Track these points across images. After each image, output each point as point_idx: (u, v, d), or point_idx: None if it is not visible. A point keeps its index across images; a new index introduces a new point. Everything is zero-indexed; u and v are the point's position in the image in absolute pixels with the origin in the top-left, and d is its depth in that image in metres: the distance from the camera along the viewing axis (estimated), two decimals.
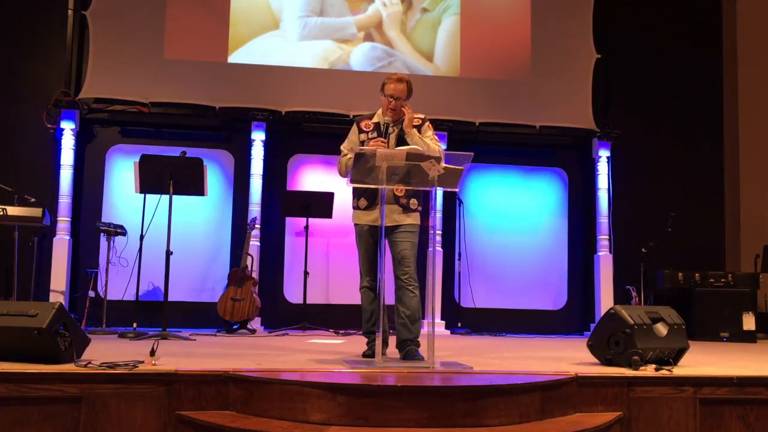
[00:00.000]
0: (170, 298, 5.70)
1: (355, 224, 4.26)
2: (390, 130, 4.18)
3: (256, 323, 6.82)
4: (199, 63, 7.40)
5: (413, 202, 4.17)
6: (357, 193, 4.20)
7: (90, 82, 7.19)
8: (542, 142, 8.05)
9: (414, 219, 4.19)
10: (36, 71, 7.34)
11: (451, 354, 4.65)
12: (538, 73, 7.89)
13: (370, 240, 4.18)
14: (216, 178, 7.39)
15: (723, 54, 8.55)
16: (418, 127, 4.23)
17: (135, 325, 5.75)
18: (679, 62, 8.40)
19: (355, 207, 4.24)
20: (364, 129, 4.26)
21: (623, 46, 8.26)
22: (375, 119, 4.28)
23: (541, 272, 7.90)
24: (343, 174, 4.27)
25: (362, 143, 4.19)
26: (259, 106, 7.40)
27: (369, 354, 4.24)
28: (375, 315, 4.15)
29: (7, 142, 7.19)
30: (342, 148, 4.34)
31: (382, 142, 4.08)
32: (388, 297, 3.86)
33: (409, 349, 4.06)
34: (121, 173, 7.26)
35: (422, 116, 4.29)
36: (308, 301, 7.00)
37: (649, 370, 3.60)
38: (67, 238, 6.91)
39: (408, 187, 3.98)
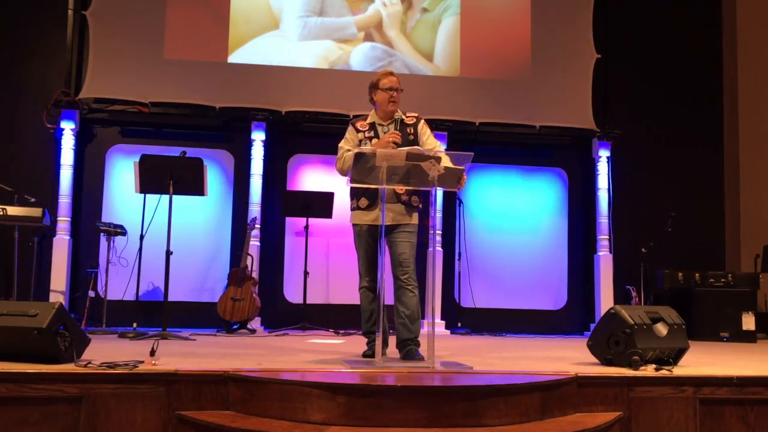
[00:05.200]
0: (170, 298, 5.70)
1: (354, 224, 4.25)
2: (386, 129, 4.24)
3: (256, 323, 6.82)
4: (199, 63, 7.39)
5: (414, 199, 4.19)
6: (357, 193, 4.20)
7: (90, 82, 7.19)
8: (542, 142, 8.05)
9: (414, 219, 4.20)
10: (36, 71, 7.34)
11: (451, 354, 4.65)
12: (538, 73, 7.89)
13: (369, 240, 4.19)
14: (216, 178, 7.39)
15: (723, 54, 8.56)
16: (413, 126, 4.27)
17: (135, 325, 5.75)
18: (679, 62, 8.40)
19: (355, 207, 4.24)
20: (361, 129, 4.29)
21: (623, 46, 8.27)
22: (369, 120, 4.32)
23: (541, 272, 7.90)
24: (344, 170, 4.23)
25: (360, 143, 4.21)
26: (259, 106, 7.40)
27: (369, 354, 4.24)
28: (375, 315, 4.15)
29: (7, 142, 7.19)
30: (340, 146, 4.32)
31: (397, 134, 4.10)
32: (388, 297, 3.86)
33: (409, 349, 4.07)
34: (121, 173, 7.26)
35: (415, 114, 4.34)
36: (308, 301, 7.00)
37: (649, 370, 3.60)
38: (67, 238, 6.91)
39: (408, 187, 3.99)
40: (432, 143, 4.24)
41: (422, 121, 4.33)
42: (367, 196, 4.16)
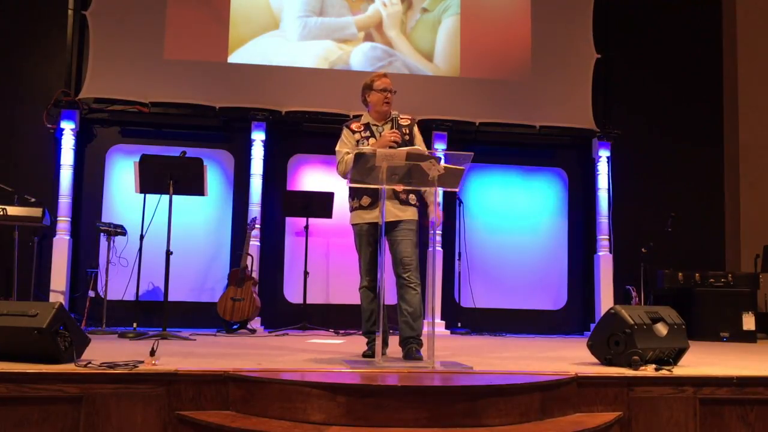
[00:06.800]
0: (170, 298, 5.70)
1: (355, 224, 4.25)
2: (380, 129, 4.28)
3: (256, 323, 6.82)
4: (199, 63, 7.39)
5: (412, 198, 4.22)
6: (359, 193, 4.20)
7: (90, 82, 7.19)
8: (542, 142, 8.05)
9: (413, 213, 4.22)
10: (36, 71, 7.34)
11: (451, 354, 4.64)
12: (538, 73, 7.89)
13: (371, 239, 4.19)
14: (216, 178, 7.39)
15: (723, 54, 8.56)
16: (408, 127, 4.31)
17: (135, 325, 5.75)
18: (679, 62, 8.41)
19: (357, 207, 4.23)
20: (356, 130, 4.32)
21: (623, 46, 8.27)
22: (363, 120, 4.36)
23: (541, 272, 7.90)
24: (346, 173, 4.23)
25: (357, 143, 4.24)
26: (259, 106, 7.40)
27: (369, 354, 4.24)
28: (375, 315, 4.16)
29: (7, 142, 7.19)
30: (338, 149, 4.32)
31: (397, 134, 4.13)
32: (388, 297, 3.86)
33: (409, 348, 4.08)
34: (121, 173, 7.26)
35: (409, 117, 4.39)
36: (308, 301, 7.00)
37: (649, 370, 3.60)
38: (67, 238, 6.91)
39: (408, 187, 4.00)
40: (421, 147, 4.26)
41: (415, 123, 4.39)
42: (368, 194, 4.17)
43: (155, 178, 5.72)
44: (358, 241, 4.25)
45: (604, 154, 7.87)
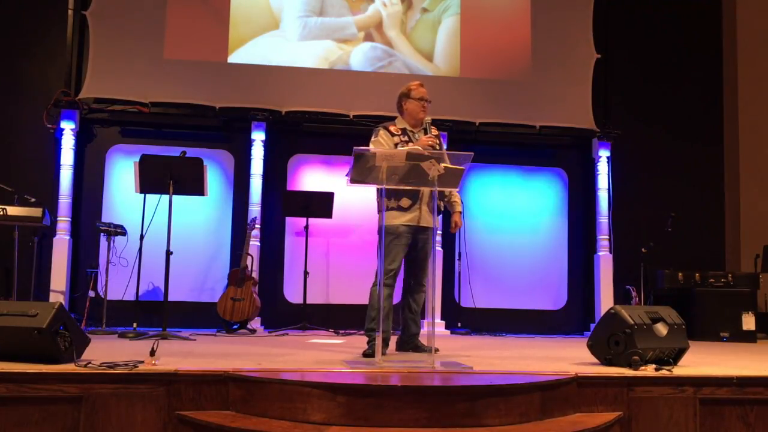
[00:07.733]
0: (170, 298, 5.70)
1: (390, 225, 4.31)
2: (417, 136, 4.54)
3: (256, 323, 6.82)
4: (199, 63, 7.39)
5: (440, 205, 4.49)
6: (398, 194, 4.29)
7: (90, 82, 7.19)
8: (542, 142, 8.05)
9: (437, 222, 4.45)
10: (36, 71, 7.34)
11: (451, 354, 4.65)
12: (538, 73, 7.88)
13: (406, 241, 4.33)
14: (216, 178, 7.39)
15: (723, 54, 8.56)
16: (438, 137, 4.55)
17: (135, 325, 5.75)
18: (679, 62, 8.41)
19: (395, 207, 4.31)
20: (395, 133, 4.52)
21: (623, 46, 8.27)
22: (399, 125, 4.58)
23: (541, 272, 7.90)
24: None
25: (396, 146, 4.41)
26: (259, 106, 7.40)
27: (369, 354, 4.25)
28: (386, 313, 4.22)
29: (7, 142, 7.19)
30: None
31: (433, 138, 4.39)
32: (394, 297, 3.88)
33: (417, 343, 4.56)
34: (121, 173, 7.26)
35: (435, 127, 4.61)
36: (308, 301, 7.00)
37: (649, 370, 3.60)
38: (67, 238, 6.91)
39: (441, 188, 4.11)
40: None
41: (441, 134, 4.72)
42: (408, 196, 4.30)
43: (155, 178, 5.72)
44: (394, 240, 4.29)
45: (604, 154, 7.87)
